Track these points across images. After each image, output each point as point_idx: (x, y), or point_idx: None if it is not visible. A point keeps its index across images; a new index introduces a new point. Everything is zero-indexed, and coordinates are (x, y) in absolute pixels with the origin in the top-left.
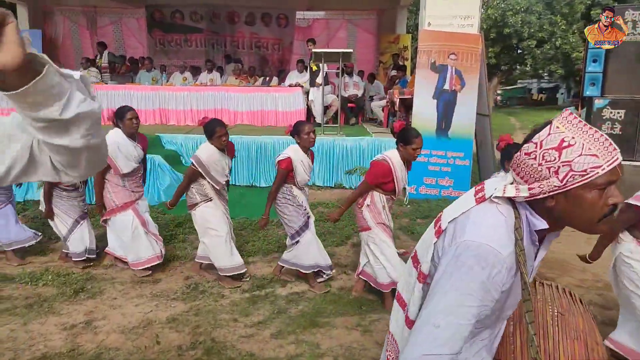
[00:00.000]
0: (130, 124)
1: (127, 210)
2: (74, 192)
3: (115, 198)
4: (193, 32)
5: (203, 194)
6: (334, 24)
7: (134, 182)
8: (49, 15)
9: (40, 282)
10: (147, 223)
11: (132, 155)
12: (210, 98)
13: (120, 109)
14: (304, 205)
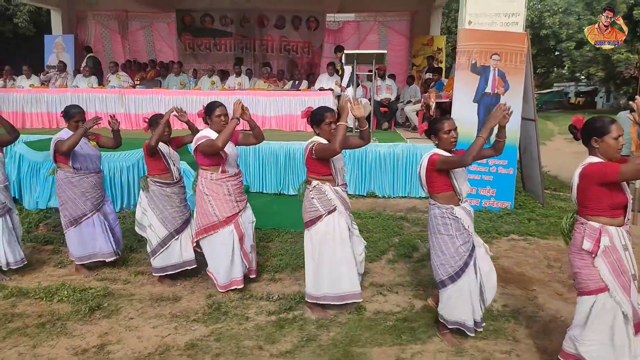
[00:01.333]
0: (219, 120)
1: (229, 225)
2: (175, 187)
3: (218, 210)
4: (222, 35)
5: None
6: (365, 27)
7: (238, 189)
8: (82, 20)
9: (55, 298)
10: (244, 238)
11: (230, 155)
12: None
13: (210, 105)
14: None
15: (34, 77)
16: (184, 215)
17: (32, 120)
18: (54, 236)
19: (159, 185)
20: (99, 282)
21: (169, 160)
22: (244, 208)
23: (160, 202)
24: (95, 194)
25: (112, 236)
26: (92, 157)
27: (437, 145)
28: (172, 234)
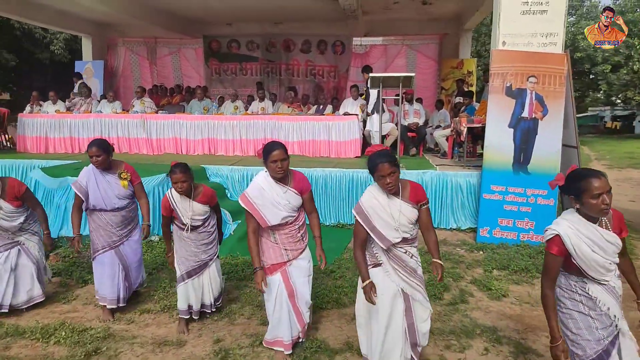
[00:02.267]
0: (275, 167)
1: (275, 274)
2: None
3: (263, 256)
4: (248, 60)
5: None
6: (392, 50)
7: (289, 237)
8: (112, 47)
9: (52, 340)
10: (296, 294)
11: (280, 202)
12: (260, 127)
13: (267, 147)
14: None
15: (60, 103)
16: (201, 260)
17: (55, 145)
18: (62, 267)
19: (176, 227)
20: (100, 322)
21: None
22: (295, 258)
23: (177, 242)
24: (109, 232)
25: (122, 281)
26: (110, 197)
27: (577, 210)
28: (183, 277)
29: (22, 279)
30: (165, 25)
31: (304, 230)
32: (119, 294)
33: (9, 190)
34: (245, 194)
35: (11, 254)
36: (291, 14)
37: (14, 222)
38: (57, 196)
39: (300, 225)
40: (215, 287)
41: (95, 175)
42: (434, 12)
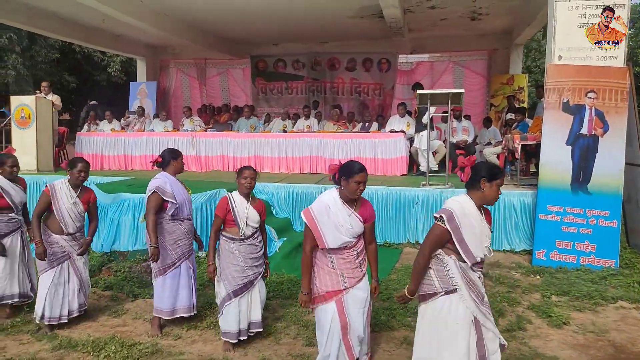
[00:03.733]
0: (356, 188)
1: (329, 302)
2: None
3: (318, 280)
4: (294, 79)
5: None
6: (439, 67)
7: (348, 263)
8: (165, 68)
9: (102, 354)
10: (349, 326)
11: (343, 225)
12: (306, 145)
13: (348, 166)
14: None
15: (115, 122)
16: (248, 277)
17: (110, 163)
18: (114, 282)
19: (225, 239)
20: (149, 337)
21: (238, 214)
22: (352, 286)
23: (225, 258)
24: (187, 242)
25: (195, 290)
26: (187, 201)
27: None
28: (230, 296)
29: (71, 291)
30: (214, 46)
31: (362, 256)
32: (193, 302)
33: (85, 194)
34: (310, 209)
35: (63, 267)
36: (336, 33)
37: (75, 222)
38: (111, 211)
39: (359, 251)
40: (255, 310)
41: (171, 181)
42: (483, 28)
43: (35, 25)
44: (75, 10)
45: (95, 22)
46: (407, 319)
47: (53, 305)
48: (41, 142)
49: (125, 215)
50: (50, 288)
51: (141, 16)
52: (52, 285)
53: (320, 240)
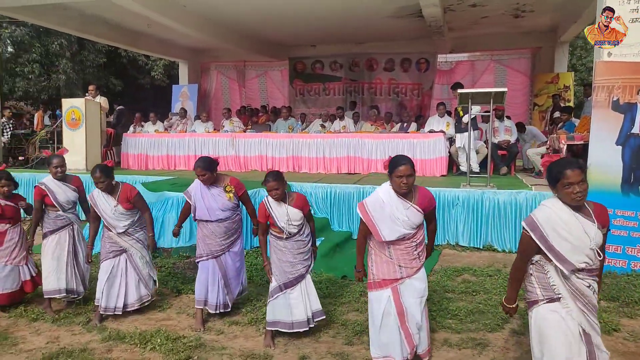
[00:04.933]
0: (399, 182)
1: (384, 289)
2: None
3: (375, 268)
4: (332, 80)
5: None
6: (479, 66)
7: (406, 254)
8: (205, 70)
9: (148, 346)
10: (406, 314)
11: (399, 218)
12: (344, 145)
13: (394, 161)
14: None
15: (159, 123)
16: (298, 271)
17: (154, 163)
18: (159, 277)
19: (273, 237)
20: (193, 331)
21: (276, 217)
22: (409, 276)
23: (274, 254)
24: (213, 242)
25: (221, 288)
26: (214, 209)
27: None
28: (280, 287)
29: (127, 285)
30: (254, 49)
31: (421, 248)
32: (218, 301)
33: (122, 194)
34: (364, 203)
35: (120, 260)
36: (374, 33)
37: (120, 222)
38: (156, 209)
39: (418, 242)
40: (313, 300)
41: (202, 189)
42: (526, 26)
43: (85, 31)
44: (122, 16)
45: (141, 27)
46: (447, 320)
47: (109, 297)
48: (90, 142)
49: (169, 213)
50: (108, 279)
51: (184, 21)
52: (110, 277)
53: (377, 234)
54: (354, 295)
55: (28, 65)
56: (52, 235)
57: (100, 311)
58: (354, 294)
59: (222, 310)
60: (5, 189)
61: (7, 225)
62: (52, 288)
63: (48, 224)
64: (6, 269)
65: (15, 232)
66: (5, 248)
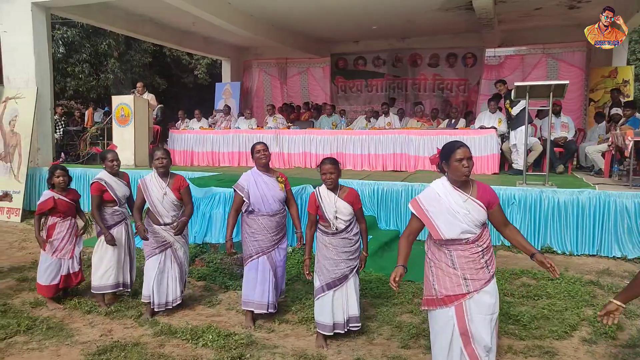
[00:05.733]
0: (459, 165)
1: (448, 307)
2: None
3: (437, 282)
4: (374, 77)
5: None
6: (530, 60)
7: (469, 262)
8: (248, 68)
9: (200, 342)
10: (471, 335)
11: (459, 212)
12: (390, 142)
13: (448, 146)
14: None
15: (204, 120)
16: (341, 271)
17: (199, 159)
18: (207, 272)
19: (320, 231)
20: (243, 328)
21: (326, 210)
22: (477, 290)
23: (320, 250)
24: (264, 237)
25: (272, 287)
26: (268, 198)
27: None
28: (323, 288)
29: (172, 279)
30: (296, 46)
31: (489, 256)
32: (268, 300)
33: (175, 182)
34: (417, 199)
35: (166, 254)
36: (419, 28)
37: (168, 212)
38: (203, 204)
39: (484, 248)
40: (351, 304)
41: (255, 177)
42: (581, 17)
43: (132, 30)
44: (168, 14)
45: (186, 25)
46: (509, 326)
47: (160, 292)
48: (138, 138)
49: (216, 209)
50: (156, 275)
51: (229, 17)
52: (158, 272)
53: (434, 230)
54: (407, 296)
55: (78, 65)
56: (111, 230)
57: (155, 308)
58: (407, 295)
59: (272, 310)
60: (60, 179)
61: (57, 218)
62: (110, 283)
63: (105, 220)
64: (51, 261)
65: (64, 226)
66: (54, 240)
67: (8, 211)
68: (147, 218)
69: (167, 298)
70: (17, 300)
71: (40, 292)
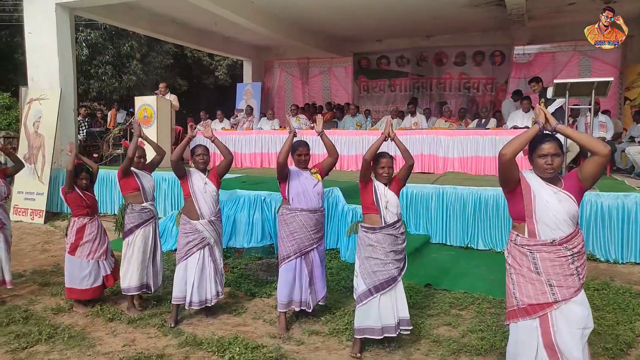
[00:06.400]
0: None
1: (531, 318)
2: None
3: (518, 290)
4: (397, 76)
5: None
6: (561, 58)
7: (556, 266)
8: (269, 68)
9: (226, 354)
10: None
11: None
12: (417, 142)
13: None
14: None
15: (226, 121)
16: (390, 272)
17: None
18: (232, 279)
19: (364, 231)
20: (271, 339)
21: (380, 196)
22: (565, 299)
23: (364, 251)
24: (303, 235)
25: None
26: (309, 191)
27: None
28: (371, 291)
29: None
30: (318, 45)
31: (581, 263)
32: (302, 297)
33: (212, 172)
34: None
35: (204, 254)
36: (445, 25)
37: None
38: (227, 208)
39: (576, 253)
40: (401, 306)
41: (297, 173)
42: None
43: (155, 30)
44: (190, 14)
45: (208, 25)
46: None
47: (200, 290)
48: (161, 139)
49: (240, 212)
50: (195, 273)
51: (251, 16)
52: (197, 270)
53: (529, 206)
54: (443, 306)
55: (101, 66)
56: (137, 230)
57: (194, 307)
58: (443, 305)
59: (305, 308)
60: (84, 181)
61: (85, 218)
62: (135, 285)
63: (133, 217)
64: (89, 264)
65: (94, 226)
66: (86, 242)
67: (32, 213)
68: (183, 216)
69: (205, 295)
70: (39, 306)
71: (76, 297)
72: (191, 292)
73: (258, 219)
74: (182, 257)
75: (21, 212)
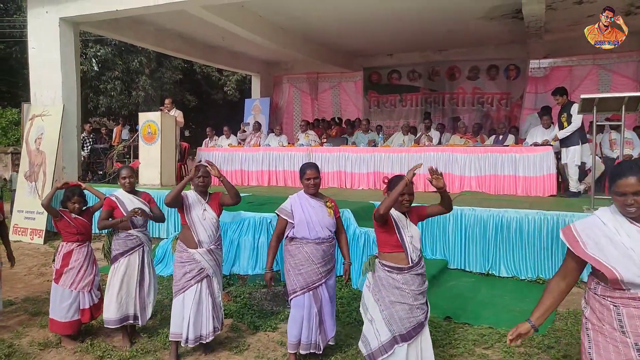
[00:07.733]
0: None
1: None
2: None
3: (594, 353)
4: (409, 91)
5: None
6: (579, 72)
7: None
8: (278, 83)
9: None
10: None
11: (632, 249)
12: (432, 159)
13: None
14: None
15: (233, 137)
16: (416, 318)
17: (228, 178)
18: (234, 309)
19: (387, 271)
20: None
21: (403, 232)
22: None
23: (388, 294)
24: (310, 269)
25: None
26: (314, 223)
27: None
28: (396, 339)
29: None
30: (328, 59)
31: None
32: (310, 339)
33: (213, 198)
34: (572, 226)
35: (202, 287)
36: (459, 39)
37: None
38: (230, 231)
39: None
40: (428, 356)
41: (301, 199)
42: (636, 25)
43: (161, 45)
44: (198, 29)
45: (216, 40)
46: None
47: (195, 326)
48: (165, 156)
49: (245, 236)
50: (192, 308)
51: (259, 31)
52: (194, 305)
53: (607, 269)
54: (467, 344)
55: (110, 82)
56: (122, 258)
57: (189, 344)
58: (466, 343)
59: (314, 351)
60: (76, 205)
61: (74, 243)
62: (114, 317)
63: (118, 245)
64: (71, 294)
65: (82, 253)
66: (70, 269)
67: (32, 232)
68: (179, 242)
69: (201, 331)
70: (26, 340)
71: (55, 330)
72: (187, 329)
73: (264, 243)
74: (179, 290)
75: (21, 232)
